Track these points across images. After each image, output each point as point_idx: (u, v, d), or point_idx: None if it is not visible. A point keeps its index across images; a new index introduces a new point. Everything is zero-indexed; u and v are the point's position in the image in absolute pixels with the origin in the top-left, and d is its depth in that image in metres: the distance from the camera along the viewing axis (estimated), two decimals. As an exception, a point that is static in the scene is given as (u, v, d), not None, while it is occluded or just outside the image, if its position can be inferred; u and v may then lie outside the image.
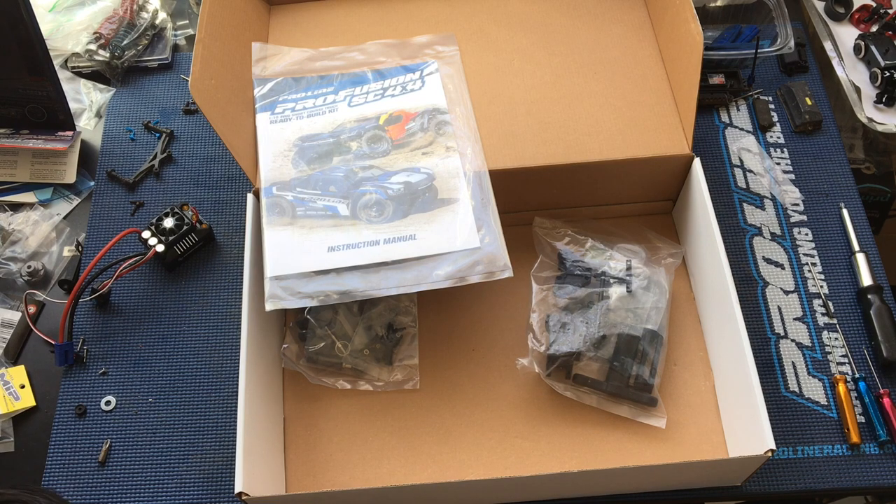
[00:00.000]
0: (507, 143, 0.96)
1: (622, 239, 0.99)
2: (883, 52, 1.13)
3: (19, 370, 0.98)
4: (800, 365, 0.94)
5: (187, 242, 1.01)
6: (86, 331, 0.99)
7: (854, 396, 0.92)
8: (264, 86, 1.03)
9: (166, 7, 1.26)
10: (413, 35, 1.07)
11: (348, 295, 0.86)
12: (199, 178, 1.11)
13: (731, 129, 1.12)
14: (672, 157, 0.95)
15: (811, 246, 1.02)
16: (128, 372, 0.97)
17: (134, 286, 1.02)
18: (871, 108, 1.12)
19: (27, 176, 1.11)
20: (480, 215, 0.91)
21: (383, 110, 1.00)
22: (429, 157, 0.96)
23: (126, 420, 0.94)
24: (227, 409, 0.94)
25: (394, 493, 0.81)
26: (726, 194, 1.06)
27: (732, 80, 1.13)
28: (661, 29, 1.03)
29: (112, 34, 1.19)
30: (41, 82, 1.07)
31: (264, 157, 0.97)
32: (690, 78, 0.91)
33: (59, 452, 0.92)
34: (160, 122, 1.15)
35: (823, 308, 0.98)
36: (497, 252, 0.88)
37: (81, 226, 1.08)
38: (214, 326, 0.99)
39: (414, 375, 0.94)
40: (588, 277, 0.96)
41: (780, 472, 0.88)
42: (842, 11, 1.20)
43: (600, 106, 0.99)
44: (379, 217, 0.92)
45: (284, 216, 0.92)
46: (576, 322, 0.93)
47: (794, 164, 1.08)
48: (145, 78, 1.20)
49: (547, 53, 1.04)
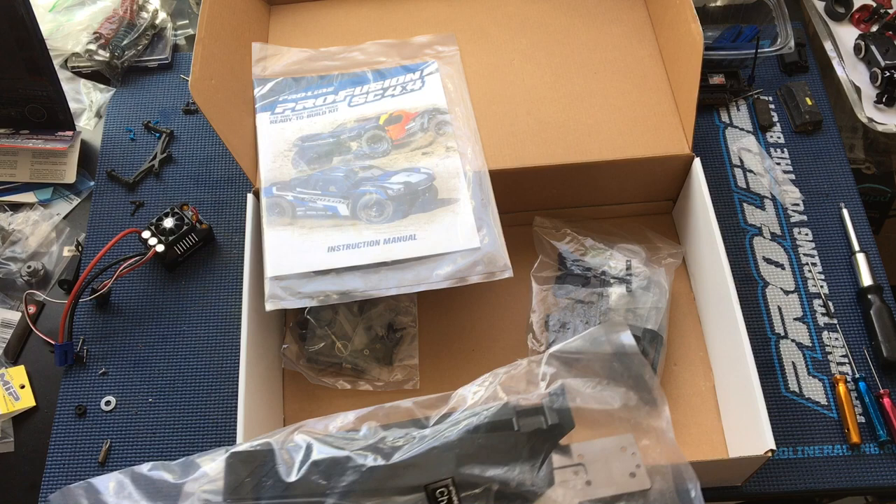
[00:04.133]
0: (507, 143, 0.96)
1: (622, 239, 0.99)
2: (883, 52, 1.13)
3: (19, 370, 0.98)
4: (800, 365, 0.94)
5: (187, 242, 1.01)
6: (86, 331, 0.99)
7: (854, 396, 0.92)
8: (264, 86, 1.03)
9: (166, 7, 1.26)
10: (413, 35, 1.07)
11: (348, 295, 0.86)
12: (199, 178, 1.11)
13: (731, 129, 1.12)
14: (672, 157, 0.95)
15: (811, 246, 1.02)
16: (128, 372, 0.97)
17: (134, 286, 1.02)
18: (871, 108, 1.12)
19: (27, 176, 1.11)
20: (480, 215, 0.91)
21: (383, 110, 1.00)
22: (429, 157, 0.96)
23: (126, 420, 0.94)
24: (227, 409, 0.94)
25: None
26: (726, 194, 1.06)
27: (732, 80, 1.13)
28: (661, 29, 1.03)
29: (112, 34, 1.19)
30: (41, 82, 1.07)
31: (264, 157, 0.97)
32: (690, 78, 0.91)
33: (59, 452, 0.92)
34: (160, 122, 1.15)
35: (823, 308, 0.98)
36: (497, 252, 0.88)
37: (81, 226, 1.08)
38: (214, 326, 0.99)
39: (414, 375, 0.94)
40: (588, 277, 0.96)
41: (780, 472, 0.88)
42: (842, 11, 1.20)
43: (600, 106, 0.99)
44: (379, 217, 0.92)
45: (284, 216, 0.92)
46: (576, 322, 0.93)
47: (794, 164, 1.08)
48: (145, 78, 1.20)
49: (547, 53, 1.04)
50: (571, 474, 0.66)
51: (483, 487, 0.63)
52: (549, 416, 0.65)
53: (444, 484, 0.62)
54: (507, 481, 0.63)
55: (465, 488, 0.63)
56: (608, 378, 0.71)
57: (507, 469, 0.63)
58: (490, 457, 0.64)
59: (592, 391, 0.70)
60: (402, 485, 0.63)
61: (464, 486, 0.62)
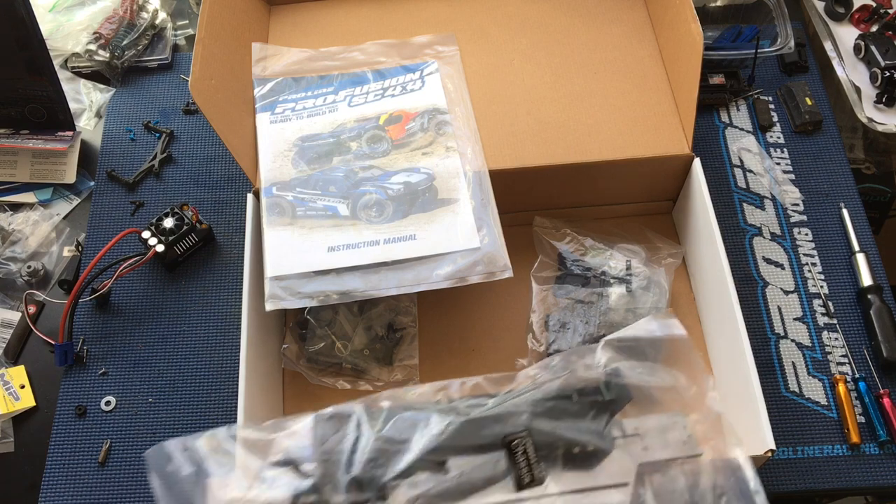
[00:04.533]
0: (507, 143, 0.96)
1: (622, 239, 0.99)
2: (883, 52, 1.13)
3: (19, 370, 0.98)
4: (800, 365, 0.94)
5: (187, 242, 1.01)
6: (86, 331, 0.99)
7: (854, 396, 0.92)
8: (264, 86, 1.03)
9: (166, 7, 1.26)
10: (413, 35, 1.07)
11: (348, 295, 0.86)
12: (199, 178, 1.11)
13: (731, 129, 1.12)
14: (672, 157, 0.95)
15: (811, 246, 1.02)
16: (128, 372, 0.97)
17: (134, 286, 1.02)
18: (871, 108, 1.12)
19: (27, 176, 1.11)
20: (480, 215, 0.91)
21: (383, 110, 1.00)
22: (429, 157, 0.96)
23: (126, 420, 0.94)
24: (227, 409, 0.94)
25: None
26: (726, 194, 1.06)
27: (732, 80, 1.13)
28: (661, 29, 1.03)
29: (112, 34, 1.19)
30: (41, 82, 1.07)
31: (264, 157, 0.97)
32: (690, 78, 0.91)
33: (59, 452, 0.92)
34: (160, 122, 1.15)
35: (823, 308, 0.98)
36: (497, 252, 0.88)
37: (81, 226, 1.08)
38: (214, 326, 0.99)
39: (414, 375, 0.94)
40: (588, 277, 0.96)
41: (780, 472, 0.88)
42: (842, 11, 1.20)
43: (600, 106, 0.99)
44: (379, 217, 0.92)
45: (284, 216, 0.92)
46: (575, 322, 0.93)
47: (794, 164, 1.08)
48: (145, 78, 1.20)
49: (547, 53, 1.04)
50: (628, 443, 0.72)
51: (554, 446, 0.68)
52: (606, 394, 0.71)
53: (521, 436, 0.67)
54: (574, 441, 0.69)
55: (538, 445, 0.68)
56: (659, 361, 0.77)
57: (576, 429, 0.69)
58: (559, 417, 0.69)
59: (645, 372, 0.76)
60: (482, 438, 0.69)
61: (537, 442, 0.68)
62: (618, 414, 0.72)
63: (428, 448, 0.67)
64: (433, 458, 0.67)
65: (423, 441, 0.68)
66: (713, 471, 0.69)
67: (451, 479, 0.68)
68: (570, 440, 0.69)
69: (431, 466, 0.68)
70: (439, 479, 0.68)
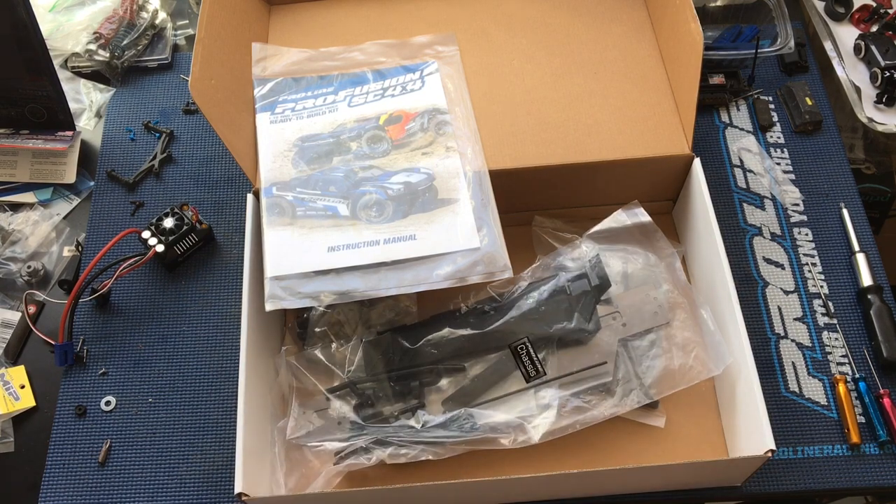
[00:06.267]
0: (507, 143, 0.96)
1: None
2: (883, 52, 1.13)
3: (19, 370, 0.98)
4: (800, 365, 0.94)
5: (187, 242, 1.01)
6: (86, 331, 0.99)
7: (854, 396, 0.92)
8: (264, 86, 1.03)
9: (166, 7, 1.26)
10: (413, 35, 1.07)
11: (348, 295, 0.86)
12: (199, 178, 1.11)
13: (731, 129, 1.12)
14: (672, 157, 0.95)
15: (811, 246, 1.02)
16: (128, 372, 0.97)
17: (134, 286, 1.02)
18: (871, 108, 1.12)
19: (27, 176, 1.11)
20: (480, 215, 0.91)
21: (383, 110, 1.00)
22: (429, 157, 0.96)
23: (126, 420, 0.94)
24: (227, 409, 0.94)
25: (393, 493, 0.81)
26: (726, 194, 1.06)
27: (732, 80, 1.13)
28: (661, 29, 1.03)
29: (112, 34, 1.19)
30: (41, 82, 1.07)
31: (264, 157, 0.97)
32: (690, 78, 0.91)
33: (59, 452, 0.92)
34: (160, 122, 1.15)
35: (823, 308, 0.98)
36: (497, 252, 0.88)
37: (81, 226, 1.08)
38: (214, 326, 0.99)
39: (414, 375, 0.94)
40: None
41: (780, 473, 0.88)
42: (842, 11, 1.20)
43: (600, 106, 0.99)
44: (379, 217, 0.92)
45: (284, 216, 0.92)
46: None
47: (794, 164, 1.08)
48: (145, 78, 1.20)
49: (547, 53, 1.04)
50: (611, 320, 0.91)
51: (550, 338, 0.89)
52: (591, 279, 0.89)
53: (522, 341, 0.88)
54: (566, 332, 0.88)
55: (537, 342, 0.88)
56: (632, 245, 0.95)
57: (566, 323, 0.88)
58: (553, 317, 0.89)
59: (621, 255, 0.95)
60: (492, 346, 0.90)
61: (536, 341, 0.88)
62: (603, 294, 0.89)
63: (451, 355, 0.90)
64: (453, 364, 0.90)
65: (447, 352, 0.89)
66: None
67: (469, 380, 0.90)
68: (563, 332, 0.88)
69: (453, 374, 0.90)
70: (460, 381, 0.90)
